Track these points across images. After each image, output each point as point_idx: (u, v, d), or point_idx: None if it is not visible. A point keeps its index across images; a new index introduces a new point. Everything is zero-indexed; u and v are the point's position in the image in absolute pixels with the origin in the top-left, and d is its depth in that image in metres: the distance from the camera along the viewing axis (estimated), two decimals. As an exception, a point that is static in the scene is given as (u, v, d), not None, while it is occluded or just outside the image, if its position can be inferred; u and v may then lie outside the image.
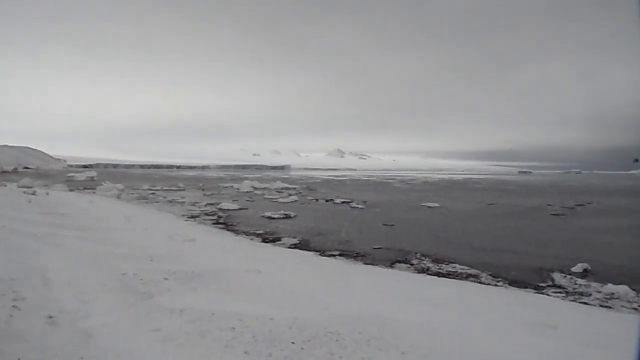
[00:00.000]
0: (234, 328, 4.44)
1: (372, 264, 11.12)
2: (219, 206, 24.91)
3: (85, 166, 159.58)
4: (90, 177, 61.33)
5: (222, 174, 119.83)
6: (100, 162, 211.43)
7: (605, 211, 27.57)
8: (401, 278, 9.26)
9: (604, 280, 9.76)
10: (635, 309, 7.96)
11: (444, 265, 11.19)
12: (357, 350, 4.22)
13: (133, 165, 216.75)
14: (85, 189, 37.46)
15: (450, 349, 4.50)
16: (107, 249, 8.53)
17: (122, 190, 34.50)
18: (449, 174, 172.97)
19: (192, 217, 20.07)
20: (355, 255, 12.36)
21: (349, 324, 4.86)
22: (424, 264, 11.38)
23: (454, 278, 9.90)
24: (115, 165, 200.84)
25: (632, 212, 27.43)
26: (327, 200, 31.55)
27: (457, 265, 11.18)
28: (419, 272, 10.40)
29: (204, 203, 27.07)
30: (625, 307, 8.06)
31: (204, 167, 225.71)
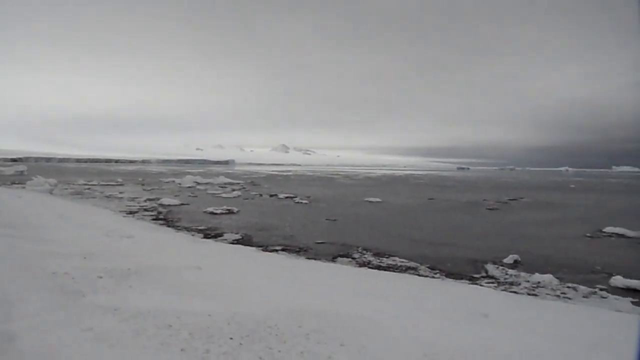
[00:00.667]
0: (170, 326, 4.33)
1: (315, 259, 11.20)
2: (159, 202, 24.23)
3: (14, 160, 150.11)
4: (19, 172, 57.81)
5: (163, 168, 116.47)
6: (32, 155, 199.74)
7: (535, 205, 29.15)
8: (342, 272, 9.38)
9: (531, 270, 10.34)
10: (558, 295, 8.50)
11: (384, 259, 11.44)
12: (296, 344, 4.23)
13: (68, 159, 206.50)
14: (13, 183, 35.30)
15: (389, 338, 4.61)
16: (35, 247, 8.08)
17: (55, 185, 32.76)
18: (391, 169, 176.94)
19: (131, 213, 19.39)
20: (298, 250, 12.40)
21: (289, 318, 4.87)
22: (365, 257, 11.59)
23: (394, 271, 10.15)
24: (48, 159, 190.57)
25: (559, 206, 29.15)
26: (271, 196, 31.45)
27: (397, 259, 11.46)
28: (360, 266, 10.59)
29: (144, 198, 26.24)
30: (549, 294, 8.58)
31: (144, 162, 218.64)
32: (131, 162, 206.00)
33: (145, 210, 20.77)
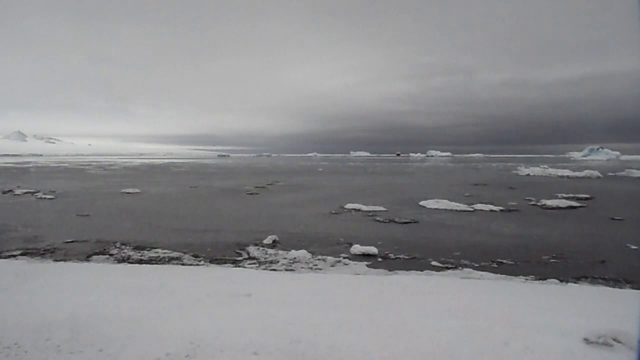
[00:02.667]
0: None
1: (64, 260, 9.99)
2: None
3: None
4: None
5: None
6: None
7: (289, 188, 31.74)
8: (96, 271, 8.59)
9: (288, 247, 11.28)
10: (311, 268, 9.49)
11: (146, 252, 10.93)
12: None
13: None
14: None
15: (153, 333, 4.44)
16: None
17: None
18: (150, 158, 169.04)
19: None
20: (42, 252, 10.88)
21: (32, 333, 4.25)
22: (124, 252, 10.87)
23: (157, 263, 9.79)
24: None
25: (310, 187, 32.39)
26: (4, 192, 26.67)
27: (159, 250, 11.08)
28: (119, 262, 9.88)
29: None
30: (304, 267, 9.51)
31: None
32: None
33: None
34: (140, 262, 9.93)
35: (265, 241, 12.21)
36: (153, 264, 9.73)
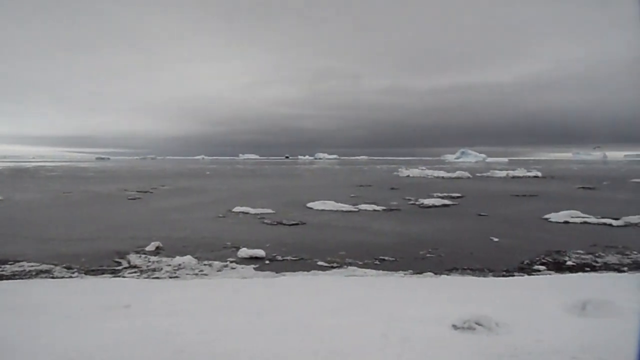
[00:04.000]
0: None
1: None
2: None
3: None
4: None
5: None
6: None
7: (176, 192, 30.57)
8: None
9: (173, 254, 10.83)
10: (197, 274, 9.21)
11: (8, 266, 9.81)
12: None
13: None
14: None
15: (7, 357, 4.01)
16: None
17: None
18: (16, 161, 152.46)
19: None
20: None
21: None
22: (-19, 268, 9.66)
23: (22, 278, 8.85)
24: None
25: (197, 191, 31.45)
26: None
27: (25, 264, 10.01)
28: (-26, 279, 8.75)
29: None
30: (189, 274, 9.19)
31: None
32: None
33: None
34: (0, 278, 8.90)
35: (147, 248, 11.62)
36: (17, 279, 8.78)
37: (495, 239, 13.34)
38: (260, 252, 11.01)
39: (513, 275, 9.26)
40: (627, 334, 4.69)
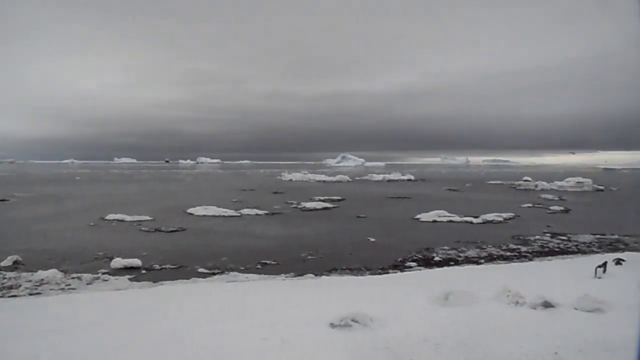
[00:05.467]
0: None
1: None
2: None
3: None
4: None
5: None
6: None
7: (40, 200, 27.69)
8: None
9: (34, 268, 9.78)
10: (63, 288, 8.44)
11: None
12: None
13: None
14: None
15: None
16: None
17: None
18: None
19: None
20: None
21: None
22: None
23: None
24: None
25: (65, 198, 28.81)
26: None
27: None
28: None
29: None
30: (53, 289, 8.38)
31: None
32: None
33: None
34: None
35: (3, 263, 10.39)
36: None
37: (372, 239, 14.05)
38: (136, 262, 10.42)
39: (388, 273, 9.84)
40: (481, 318, 5.25)
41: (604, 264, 8.31)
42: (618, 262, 9.51)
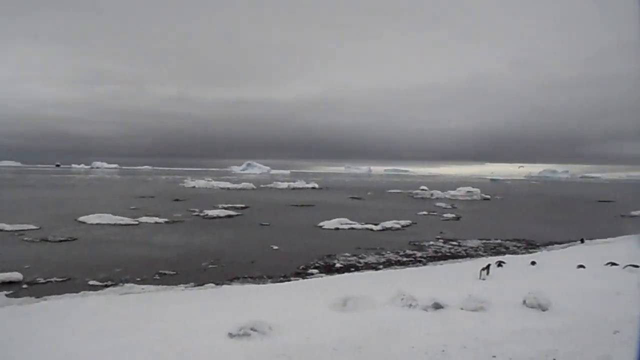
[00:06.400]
0: None
1: None
2: None
3: None
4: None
5: None
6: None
7: None
8: None
9: None
10: None
11: None
12: None
13: None
14: None
15: None
16: None
17: None
18: None
19: None
20: None
21: None
22: None
23: None
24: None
25: None
26: None
27: None
28: None
29: None
30: None
31: None
32: None
33: None
34: None
35: None
36: None
37: (275, 247, 14.05)
38: (17, 276, 9.48)
39: (290, 280, 9.88)
40: (376, 321, 5.44)
41: (488, 267, 9.06)
42: (499, 264, 10.42)
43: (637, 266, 8.81)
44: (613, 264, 9.47)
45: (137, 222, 19.11)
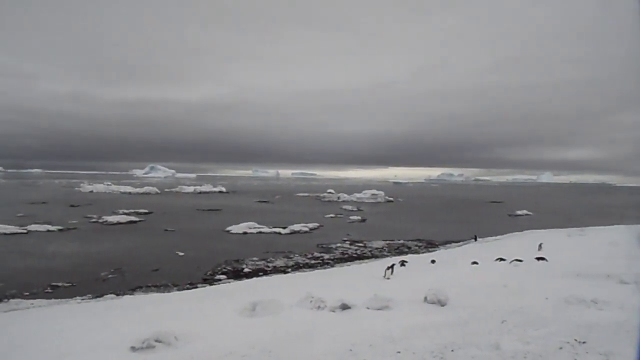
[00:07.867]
0: None
1: None
2: None
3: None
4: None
5: None
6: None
7: None
8: None
9: None
10: None
11: None
12: None
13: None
14: None
15: None
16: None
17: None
18: None
19: None
20: None
21: None
22: None
23: None
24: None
25: None
26: None
27: None
28: None
29: None
30: None
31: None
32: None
33: None
34: None
35: None
36: None
37: (181, 253, 13.58)
38: None
39: (196, 287, 9.59)
40: (286, 324, 5.44)
41: (392, 266, 9.45)
42: (402, 263, 10.92)
43: (521, 260, 9.71)
44: (501, 259, 10.37)
45: (25, 231, 17.51)
